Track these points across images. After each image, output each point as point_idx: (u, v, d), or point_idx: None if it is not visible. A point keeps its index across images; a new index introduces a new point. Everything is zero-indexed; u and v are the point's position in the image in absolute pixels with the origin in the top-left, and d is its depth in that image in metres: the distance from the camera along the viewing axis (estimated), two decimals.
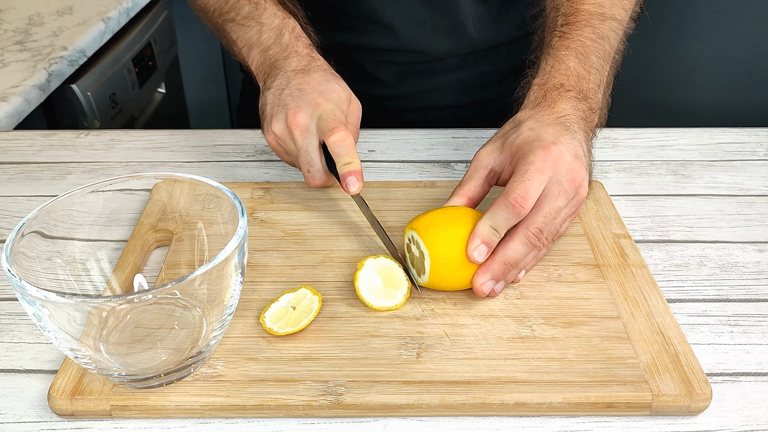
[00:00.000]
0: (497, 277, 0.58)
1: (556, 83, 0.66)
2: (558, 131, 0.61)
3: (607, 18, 0.73)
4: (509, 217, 0.57)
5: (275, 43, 0.74)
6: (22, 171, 0.83)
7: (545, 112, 0.64)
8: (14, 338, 0.59)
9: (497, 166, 0.63)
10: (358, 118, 0.71)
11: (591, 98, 0.67)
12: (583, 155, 0.61)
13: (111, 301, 0.51)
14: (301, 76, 0.70)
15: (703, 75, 2.16)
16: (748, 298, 0.63)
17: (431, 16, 0.89)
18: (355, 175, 0.65)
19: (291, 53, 0.72)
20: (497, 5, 0.91)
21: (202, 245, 0.60)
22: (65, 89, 1.22)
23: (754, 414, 0.52)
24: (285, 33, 0.74)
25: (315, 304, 0.58)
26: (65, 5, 1.41)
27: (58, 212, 0.55)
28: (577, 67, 0.68)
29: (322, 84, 0.69)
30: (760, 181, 0.80)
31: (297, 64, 0.71)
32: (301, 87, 0.69)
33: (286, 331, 0.56)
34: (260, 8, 0.76)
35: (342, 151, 0.65)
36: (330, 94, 0.68)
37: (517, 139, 0.61)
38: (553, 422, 0.52)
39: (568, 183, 0.59)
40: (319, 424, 0.52)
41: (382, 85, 0.95)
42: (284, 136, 0.69)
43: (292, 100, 0.68)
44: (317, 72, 0.71)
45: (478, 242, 0.57)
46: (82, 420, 0.52)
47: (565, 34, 0.71)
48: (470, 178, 0.63)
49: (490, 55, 0.95)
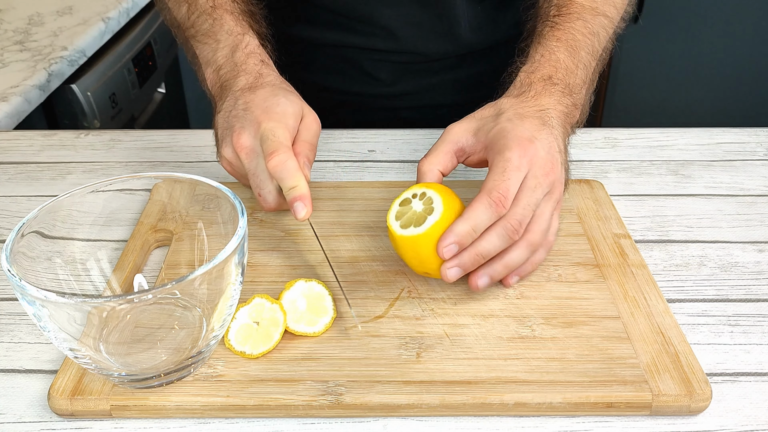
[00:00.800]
0: (465, 266, 0.57)
1: (544, 74, 0.66)
2: (535, 125, 0.61)
3: (599, 14, 0.73)
4: (491, 216, 0.56)
5: (227, 62, 0.71)
6: (22, 171, 0.83)
7: (528, 103, 0.63)
8: (14, 338, 0.59)
9: (468, 147, 0.62)
10: (315, 133, 0.67)
11: (576, 94, 0.67)
12: (558, 151, 0.61)
13: (111, 301, 0.51)
14: (247, 94, 0.67)
15: (703, 75, 2.16)
16: (748, 298, 0.63)
17: (428, 18, 0.89)
18: (302, 200, 0.60)
19: (240, 72, 0.69)
20: (494, 4, 0.91)
21: (202, 245, 0.60)
22: (65, 89, 1.22)
23: (754, 414, 0.52)
24: (237, 50, 0.71)
25: (279, 314, 0.56)
26: (65, 5, 1.41)
27: (58, 212, 0.55)
28: (567, 60, 0.67)
29: (267, 100, 0.65)
30: (760, 181, 0.80)
31: (245, 82, 0.68)
32: (246, 106, 0.65)
33: (261, 351, 0.54)
34: (217, 24, 0.73)
35: (283, 175, 0.60)
36: (274, 110, 0.64)
37: (494, 129, 0.61)
38: (553, 422, 0.52)
39: (543, 177, 0.58)
40: (319, 424, 0.52)
41: (379, 84, 0.95)
42: (234, 159, 0.65)
43: (237, 121, 0.65)
44: (264, 88, 0.67)
45: (450, 240, 0.56)
46: (82, 420, 0.52)
47: (557, 25, 0.70)
48: (438, 149, 0.62)
49: (487, 55, 0.95)
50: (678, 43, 2.09)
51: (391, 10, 0.88)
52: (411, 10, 0.88)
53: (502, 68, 0.96)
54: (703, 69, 2.14)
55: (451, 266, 0.57)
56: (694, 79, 2.16)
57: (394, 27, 0.89)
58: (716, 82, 2.16)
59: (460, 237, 0.56)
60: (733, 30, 2.06)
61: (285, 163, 0.60)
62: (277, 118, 0.63)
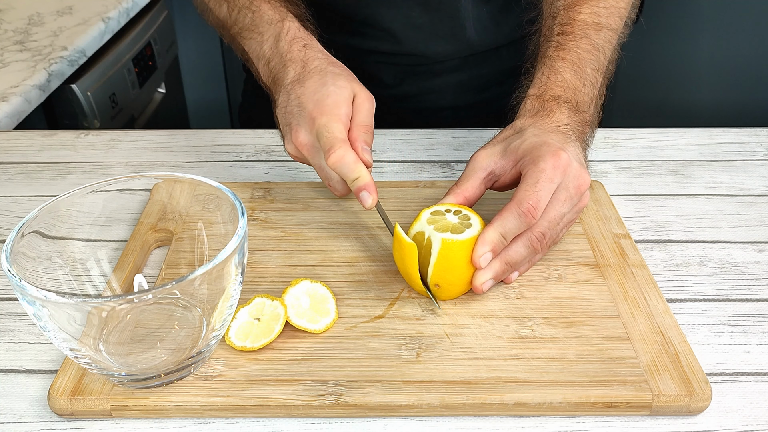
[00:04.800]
0: (498, 276, 0.59)
1: (552, 95, 0.66)
2: (562, 138, 0.62)
3: (603, 28, 0.72)
4: (520, 225, 0.58)
5: (274, 54, 0.72)
6: (22, 171, 0.83)
7: (545, 120, 0.64)
8: (14, 338, 0.59)
9: (498, 169, 0.63)
10: (368, 111, 0.67)
11: (585, 111, 0.67)
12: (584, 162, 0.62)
13: (111, 301, 0.51)
14: (297, 88, 0.68)
15: (703, 75, 2.16)
16: (748, 298, 0.63)
17: (430, 21, 0.89)
18: (367, 189, 0.63)
19: (287, 62, 0.70)
20: (498, 6, 0.91)
21: (202, 245, 0.60)
22: (65, 89, 1.22)
23: (754, 414, 0.52)
24: (281, 39, 0.72)
25: (279, 309, 0.56)
26: (65, 5, 1.41)
27: (58, 212, 0.55)
28: (573, 80, 0.68)
29: (317, 92, 0.66)
30: (760, 181, 0.80)
31: (293, 74, 0.69)
32: (299, 101, 0.66)
33: (262, 343, 0.55)
34: (257, 16, 0.74)
35: (343, 170, 0.62)
36: (324, 102, 0.65)
37: (523, 145, 0.61)
38: (553, 422, 0.52)
39: (574, 189, 0.59)
40: (319, 424, 0.52)
41: (381, 85, 0.95)
42: (298, 154, 0.68)
43: (293, 118, 0.67)
44: (312, 78, 0.68)
45: (486, 249, 0.57)
46: (82, 420, 0.52)
47: (561, 44, 0.70)
48: (467, 178, 0.63)
49: (490, 57, 0.95)
50: (678, 43, 2.09)
51: (393, 12, 0.88)
52: (414, 12, 0.88)
53: (504, 71, 0.97)
54: (703, 69, 2.14)
55: (486, 278, 0.58)
56: (694, 79, 2.16)
57: (397, 29, 0.89)
58: (716, 82, 2.15)
59: (493, 245, 0.57)
60: (733, 30, 2.06)
61: (343, 158, 0.62)
62: (329, 110, 0.64)
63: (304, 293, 0.59)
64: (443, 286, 0.59)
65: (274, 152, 0.86)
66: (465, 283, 0.59)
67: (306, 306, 0.58)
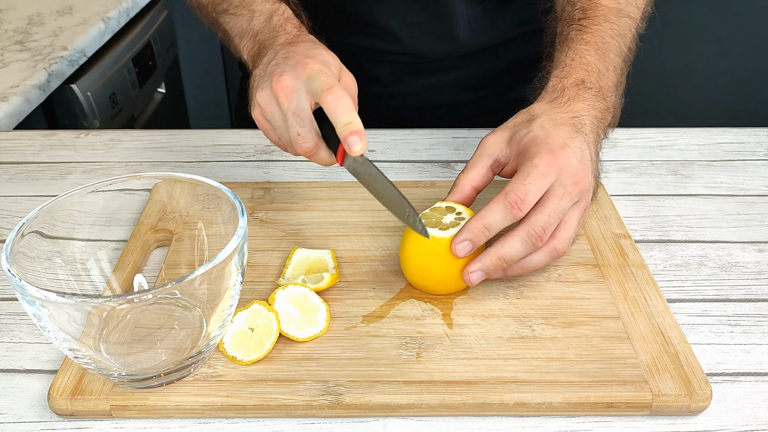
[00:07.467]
0: (488, 270, 0.58)
1: (576, 78, 0.65)
2: (568, 133, 0.60)
3: (623, 15, 0.72)
4: (505, 217, 0.57)
5: (265, 27, 0.70)
6: (22, 171, 0.83)
7: (561, 109, 0.63)
8: (14, 338, 0.59)
9: (503, 157, 0.62)
10: (354, 92, 0.64)
11: (608, 97, 0.66)
12: (589, 160, 0.61)
13: (111, 301, 0.51)
14: (288, 46, 0.65)
15: (703, 75, 2.16)
16: (748, 298, 0.63)
17: (426, 20, 0.89)
18: (357, 134, 0.57)
19: (279, 32, 0.68)
20: (493, 5, 0.91)
21: (202, 245, 0.60)
22: (65, 89, 1.22)
23: (754, 414, 0.52)
24: (274, 16, 0.71)
25: (273, 323, 0.56)
26: (65, 5, 1.41)
27: (58, 212, 0.55)
28: (597, 63, 0.67)
29: (309, 50, 0.63)
30: (760, 181, 0.80)
31: (285, 39, 0.67)
32: (288, 55, 0.63)
33: (252, 359, 0.54)
34: None
35: (339, 109, 0.58)
36: (318, 57, 0.62)
37: (526, 137, 0.61)
38: (553, 422, 0.52)
39: (572, 186, 0.58)
40: (319, 424, 0.52)
41: (378, 83, 0.95)
42: (269, 104, 0.62)
43: (277, 67, 0.62)
44: (305, 42, 0.65)
45: (464, 237, 0.57)
46: (82, 420, 0.52)
47: (585, 27, 0.70)
48: (475, 165, 0.62)
49: (487, 55, 0.95)
50: (678, 43, 2.09)
51: (390, 11, 0.88)
52: (410, 10, 0.88)
53: (501, 69, 0.97)
54: (703, 69, 2.14)
55: (474, 269, 0.57)
56: (694, 79, 2.16)
57: (394, 27, 0.89)
58: (716, 82, 2.15)
59: (473, 235, 0.57)
60: (733, 30, 2.06)
61: (342, 98, 0.58)
62: (322, 62, 0.62)
63: (287, 304, 0.58)
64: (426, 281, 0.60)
65: (274, 152, 0.86)
66: (450, 278, 0.59)
67: (298, 315, 0.57)
